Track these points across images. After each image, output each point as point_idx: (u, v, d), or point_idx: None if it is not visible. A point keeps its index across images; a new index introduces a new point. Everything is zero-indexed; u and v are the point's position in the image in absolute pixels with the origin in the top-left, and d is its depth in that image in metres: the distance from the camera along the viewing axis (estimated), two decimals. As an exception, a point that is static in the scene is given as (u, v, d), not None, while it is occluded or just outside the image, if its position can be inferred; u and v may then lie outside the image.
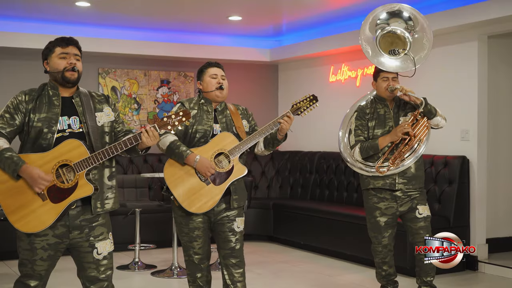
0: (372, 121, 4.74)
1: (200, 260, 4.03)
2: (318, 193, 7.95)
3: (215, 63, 4.11)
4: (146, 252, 7.17)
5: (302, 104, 4.01)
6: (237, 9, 6.89)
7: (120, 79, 8.24)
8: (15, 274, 6.09)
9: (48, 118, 3.26)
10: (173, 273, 6.14)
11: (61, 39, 3.37)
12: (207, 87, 4.03)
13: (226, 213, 3.98)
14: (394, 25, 4.79)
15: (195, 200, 3.85)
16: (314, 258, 7.00)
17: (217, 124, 4.01)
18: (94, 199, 3.29)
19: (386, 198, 4.67)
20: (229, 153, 3.92)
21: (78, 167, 3.20)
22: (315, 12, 7.01)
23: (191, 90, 8.70)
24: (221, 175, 3.90)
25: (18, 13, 6.93)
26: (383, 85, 4.71)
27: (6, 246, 6.61)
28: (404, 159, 4.62)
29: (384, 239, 4.71)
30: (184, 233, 4.00)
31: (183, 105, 4.01)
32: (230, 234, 4.00)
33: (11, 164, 3.15)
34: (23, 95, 3.32)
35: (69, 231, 3.28)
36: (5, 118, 3.27)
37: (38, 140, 3.25)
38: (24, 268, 3.31)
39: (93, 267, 3.35)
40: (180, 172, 3.88)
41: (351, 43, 7.41)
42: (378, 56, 4.76)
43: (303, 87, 8.68)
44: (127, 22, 7.46)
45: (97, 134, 3.33)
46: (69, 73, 3.30)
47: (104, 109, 3.43)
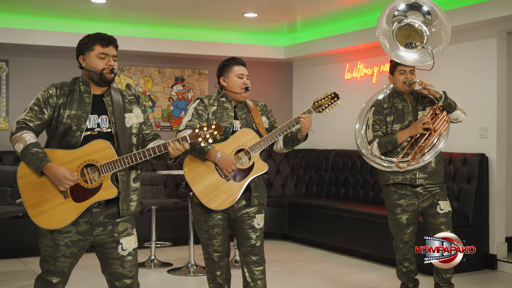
0: (390, 116, 4.68)
1: (219, 258, 3.98)
2: (333, 191, 7.89)
3: (240, 60, 4.02)
4: (162, 249, 7.13)
5: (323, 101, 3.97)
6: (252, 6, 6.84)
7: (135, 76, 8.22)
8: (30, 271, 6.09)
9: (78, 116, 3.22)
10: (190, 270, 6.10)
11: (102, 37, 3.27)
12: (232, 87, 3.95)
13: (245, 210, 3.93)
14: (412, 18, 4.72)
15: (215, 197, 3.80)
16: (330, 257, 6.94)
17: (237, 120, 3.96)
18: (122, 201, 3.24)
19: (407, 194, 4.60)
20: (249, 150, 3.86)
21: (104, 169, 3.15)
22: (330, 9, 6.95)
23: (205, 87, 8.66)
24: (241, 172, 3.85)
25: (33, 9, 6.92)
26: (401, 79, 4.65)
27: (22, 243, 6.64)
28: (424, 154, 4.56)
29: (405, 236, 4.64)
30: (203, 230, 3.94)
31: (202, 101, 3.94)
32: (251, 231, 3.94)
33: (36, 161, 3.10)
34: (54, 88, 3.26)
35: (92, 228, 3.23)
36: (34, 111, 3.23)
37: (65, 137, 3.20)
38: (46, 264, 3.27)
39: (118, 263, 3.30)
40: (200, 168, 3.83)
41: (367, 40, 7.35)
42: (395, 50, 4.69)
43: (318, 84, 8.63)
44: (142, 19, 7.43)
45: (125, 135, 3.27)
46: (107, 74, 3.26)
47: (134, 110, 3.38)
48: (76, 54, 3.34)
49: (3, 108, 7.51)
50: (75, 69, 3.28)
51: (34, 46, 7.40)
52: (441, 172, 4.66)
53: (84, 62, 3.29)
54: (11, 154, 7.26)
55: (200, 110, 3.91)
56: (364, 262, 6.59)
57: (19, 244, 6.64)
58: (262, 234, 4.00)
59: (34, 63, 7.68)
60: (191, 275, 6.05)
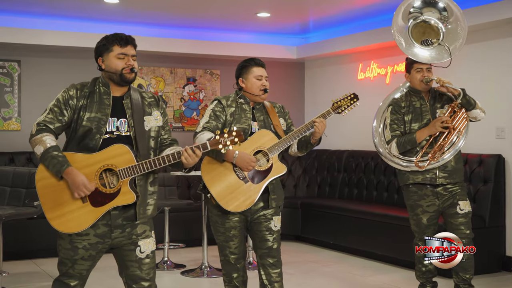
0: (408, 115, 4.61)
1: (236, 260, 3.93)
2: (346, 192, 7.82)
3: (260, 62, 3.95)
4: (175, 251, 7.08)
5: (343, 102, 3.92)
6: (266, 5, 6.79)
7: (147, 76, 8.18)
8: (43, 272, 6.06)
9: (97, 119, 3.17)
10: (203, 272, 6.04)
11: (120, 37, 3.23)
12: (251, 88, 3.89)
13: (263, 211, 3.88)
14: (428, 14, 4.66)
15: (233, 199, 3.74)
16: (344, 258, 6.87)
17: (254, 122, 3.90)
18: (139, 206, 3.20)
19: (427, 195, 4.54)
20: (268, 151, 3.80)
21: (123, 174, 3.11)
22: (343, 8, 6.89)
23: (217, 88, 8.62)
24: (260, 174, 3.79)
25: (44, 10, 6.90)
26: (418, 77, 4.59)
27: (34, 245, 6.61)
28: (444, 153, 4.49)
29: (426, 235, 4.57)
30: (220, 232, 3.89)
31: (220, 102, 3.88)
32: (267, 233, 3.88)
33: (56, 164, 3.06)
34: (74, 90, 3.21)
35: (111, 230, 3.18)
36: (54, 113, 3.18)
37: (85, 140, 3.15)
38: (64, 267, 3.22)
39: (136, 265, 3.25)
40: (218, 170, 3.77)
41: (380, 40, 7.29)
42: (411, 47, 4.64)
43: (330, 84, 8.57)
44: (153, 19, 7.40)
45: (144, 139, 3.22)
46: (127, 74, 3.20)
47: (153, 112, 3.33)
48: (95, 56, 3.29)
49: (15, 109, 7.49)
50: (87, 69, 3.32)
51: (46, 46, 7.37)
52: (461, 171, 4.60)
53: (103, 64, 3.24)
54: (23, 155, 7.23)
55: (218, 112, 3.85)
56: (378, 264, 6.52)
57: (32, 246, 6.60)
58: (279, 236, 3.94)
59: (46, 63, 7.65)
60: (205, 277, 5.99)
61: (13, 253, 6.43)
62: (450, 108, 4.54)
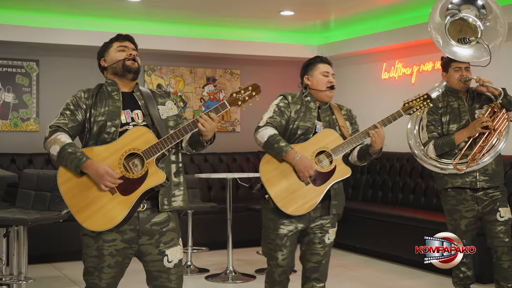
0: (446, 116, 4.45)
1: (281, 274, 3.69)
2: (370, 194, 7.65)
3: (326, 59, 3.80)
4: (197, 254, 6.93)
5: (414, 103, 3.67)
6: (289, 4, 6.64)
7: (166, 76, 8.05)
8: (64, 277, 5.94)
9: (110, 112, 3.06)
10: (228, 277, 5.89)
11: (118, 35, 3.23)
12: (317, 85, 3.71)
13: (320, 221, 3.67)
14: (466, 12, 4.52)
15: (292, 201, 3.52)
16: (370, 262, 6.71)
17: (319, 122, 3.70)
18: (162, 195, 3.04)
19: (467, 199, 4.37)
20: (331, 152, 3.58)
21: (147, 154, 2.97)
22: (366, 7, 6.75)
23: (237, 87, 8.45)
24: (322, 176, 3.55)
25: (64, 8, 6.77)
26: (456, 76, 4.43)
27: (55, 248, 6.48)
28: (484, 155, 4.33)
29: (464, 241, 4.41)
30: (270, 239, 3.67)
31: (285, 97, 3.72)
32: (320, 247, 3.69)
33: (74, 160, 2.92)
34: (82, 92, 3.14)
35: (138, 236, 3.05)
36: (65, 115, 3.07)
37: (101, 135, 3.03)
38: (90, 277, 3.09)
39: (165, 276, 3.11)
40: (278, 170, 3.56)
41: (405, 39, 7.14)
42: (449, 46, 4.48)
43: (353, 84, 8.40)
44: (174, 17, 7.26)
45: (162, 126, 3.10)
46: (129, 62, 3.12)
47: (167, 103, 3.23)
48: (98, 59, 3.26)
49: (33, 109, 7.36)
50: None
51: (66, 45, 7.24)
52: (501, 173, 4.45)
53: (105, 62, 3.20)
54: (42, 156, 7.10)
55: (283, 107, 3.68)
56: (406, 269, 6.35)
57: (52, 249, 6.47)
58: (330, 249, 3.76)
59: (65, 63, 7.52)
60: (230, 281, 5.85)
61: (33, 256, 6.29)
62: (490, 108, 4.39)
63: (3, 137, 7.25)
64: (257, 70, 8.63)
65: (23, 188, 4.69)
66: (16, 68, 7.31)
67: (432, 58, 7.11)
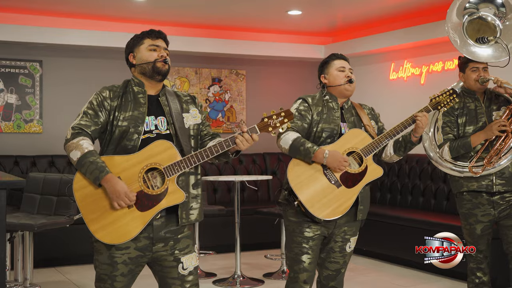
0: (462, 117, 4.33)
1: (307, 279, 3.53)
2: (378, 196, 7.53)
3: (341, 55, 3.69)
4: (205, 259, 6.81)
5: (441, 98, 3.57)
6: (296, 3, 6.53)
7: (171, 77, 7.93)
8: (69, 281, 5.82)
9: (134, 117, 2.95)
10: (236, 282, 5.78)
11: (151, 31, 3.11)
12: (335, 81, 3.60)
13: (344, 227, 3.56)
14: (484, 10, 4.39)
15: (324, 205, 3.40)
16: (380, 266, 6.60)
17: (344, 123, 3.59)
18: (181, 208, 2.95)
19: (483, 203, 4.25)
20: (361, 152, 3.48)
21: (169, 171, 2.88)
22: (374, 6, 6.65)
23: (243, 88, 8.36)
24: (353, 177, 3.44)
25: (68, 8, 6.67)
26: (473, 77, 4.30)
27: (59, 253, 6.38)
28: (500, 158, 4.21)
29: (479, 246, 4.29)
30: (295, 243, 3.53)
31: (304, 101, 3.60)
32: (340, 256, 3.60)
33: (95, 171, 2.82)
34: (107, 90, 3.02)
35: (152, 243, 2.95)
36: (89, 115, 2.96)
37: (122, 141, 2.93)
38: (103, 284, 2.98)
39: (178, 283, 3.01)
40: (307, 174, 3.44)
41: (414, 39, 7.04)
42: (467, 45, 4.36)
43: (361, 85, 8.24)
44: (178, 17, 7.16)
45: (185, 136, 3.01)
46: (160, 64, 3.01)
47: (191, 110, 3.12)
48: (126, 53, 3.12)
49: (36, 111, 7.24)
50: (111, 70, 3.11)
51: (69, 46, 7.16)
52: (518, 177, 4.31)
53: (134, 59, 3.06)
54: (45, 158, 6.99)
55: (303, 111, 3.56)
56: (418, 273, 6.22)
57: (55, 254, 6.36)
58: (349, 259, 3.67)
59: (69, 63, 7.42)
60: (238, 286, 5.73)
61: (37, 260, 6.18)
62: (507, 110, 4.27)
63: (6, 139, 7.14)
64: (263, 70, 8.53)
65: (29, 192, 4.57)
66: (19, 69, 7.20)
67: (442, 58, 7.00)
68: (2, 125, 7.11)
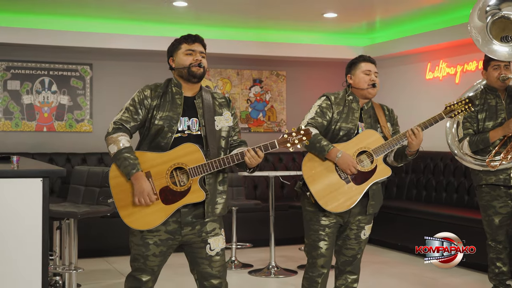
0: (482, 113, 4.51)
1: (324, 264, 3.75)
2: (414, 193, 7.69)
3: (368, 58, 3.86)
4: (242, 251, 7.12)
5: (456, 106, 3.73)
6: (332, 6, 6.76)
7: (214, 78, 8.28)
8: (115, 270, 6.20)
9: (169, 117, 3.24)
10: (271, 272, 6.06)
11: (188, 36, 3.35)
12: (359, 83, 3.77)
13: (358, 217, 3.77)
14: (507, 9, 4.49)
15: (332, 199, 3.63)
16: (412, 260, 6.75)
17: (361, 123, 3.77)
18: (207, 203, 3.25)
19: (501, 196, 4.42)
20: (372, 152, 3.66)
21: (193, 172, 3.17)
22: (410, 7, 6.80)
23: (283, 89, 8.64)
24: (363, 175, 3.64)
25: (115, 14, 7.08)
26: (495, 74, 4.48)
27: (107, 243, 6.77)
28: (517, 153, 4.37)
29: (498, 236, 4.47)
30: (312, 231, 3.76)
31: (328, 98, 3.78)
32: (355, 243, 3.81)
33: (127, 167, 3.14)
34: (149, 90, 3.30)
35: (181, 227, 3.25)
36: (130, 112, 3.27)
37: (157, 138, 3.23)
38: (136, 263, 3.30)
39: (206, 263, 3.31)
40: (320, 168, 3.67)
41: (449, 39, 7.16)
42: (488, 44, 4.49)
43: (399, 85, 8.44)
44: (220, 21, 7.48)
45: (214, 138, 3.28)
46: (195, 68, 3.28)
47: (224, 113, 3.38)
48: (167, 57, 3.40)
49: (87, 111, 7.71)
50: (157, 72, 3.38)
51: (117, 49, 7.57)
52: (536, 172, 4.46)
53: (173, 63, 3.34)
54: (95, 155, 7.44)
55: (325, 108, 3.75)
56: (448, 266, 6.37)
57: (104, 244, 6.77)
58: (365, 245, 3.87)
59: (117, 66, 7.85)
60: (272, 276, 6.01)
61: (88, 251, 6.62)
62: (527, 107, 4.42)
63: (59, 137, 7.62)
64: (302, 71, 8.78)
65: (74, 184, 4.98)
66: (71, 72, 7.67)
67: (476, 58, 7.10)
68: (55, 125, 7.60)
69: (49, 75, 7.59)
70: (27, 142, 7.47)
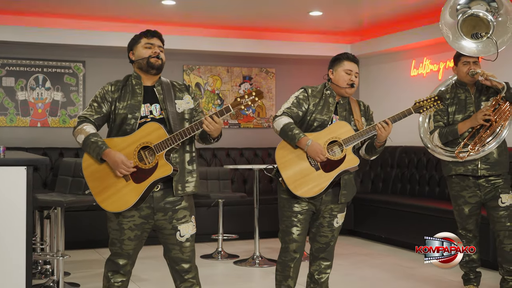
0: (452, 106, 4.70)
1: (297, 249, 3.89)
2: (399, 187, 7.88)
3: (353, 57, 3.95)
4: (229, 242, 7.32)
5: (425, 103, 3.90)
6: (318, 4, 6.94)
7: (204, 75, 8.47)
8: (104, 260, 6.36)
9: (131, 105, 3.44)
10: (255, 262, 6.26)
11: (147, 31, 3.58)
12: (338, 81, 3.88)
13: (331, 205, 3.91)
14: (476, 8, 4.65)
15: (302, 184, 3.77)
16: (395, 252, 6.95)
17: (336, 115, 3.91)
18: (176, 181, 3.42)
19: (469, 186, 4.61)
20: (342, 142, 3.80)
21: (157, 148, 3.34)
22: (395, 5, 6.97)
23: (272, 86, 8.82)
24: (332, 163, 3.78)
25: (107, 13, 7.28)
26: (464, 70, 4.65)
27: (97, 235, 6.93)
28: (485, 145, 4.55)
29: (468, 225, 4.67)
30: (285, 217, 3.89)
31: (305, 90, 3.92)
32: (328, 230, 3.95)
33: (96, 148, 3.34)
34: (109, 85, 3.54)
35: (153, 213, 3.44)
36: (93, 107, 3.49)
37: (122, 126, 3.43)
38: (113, 247, 3.50)
39: (177, 248, 3.49)
40: (291, 155, 3.82)
41: (432, 36, 7.32)
42: (458, 40, 4.67)
43: (384, 82, 8.63)
44: (210, 19, 7.66)
45: (176, 119, 3.46)
46: (153, 59, 3.48)
47: (184, 97, 3.57)
48: (127, 52, 3.62)
49: (80, 107, 7.91)
50: None
51: (109, 47, 7.76)
52: (504, 163, 4.64)
53: (133, 56, 3.56)
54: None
55: (302, 100, 3.89)
56: (428, 257, 6.55)
57: (94, 236, 6.93)
58: (338, 233, 4.00)
59: (109, 63, 8.02)
60: (257, 266, 6.20)
61: (78, 242, 6.82)
62: (494, 101, 4.59)
63: (53, 133, 7.83)
64: (291, 68, 8.96)
65: (62, 175, 5.18)
66: (64, 69, 7.87)
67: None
68: (49, 120, 7.80)
69: (43, 72, 7.79)
70: (21, 137, 7.68)
